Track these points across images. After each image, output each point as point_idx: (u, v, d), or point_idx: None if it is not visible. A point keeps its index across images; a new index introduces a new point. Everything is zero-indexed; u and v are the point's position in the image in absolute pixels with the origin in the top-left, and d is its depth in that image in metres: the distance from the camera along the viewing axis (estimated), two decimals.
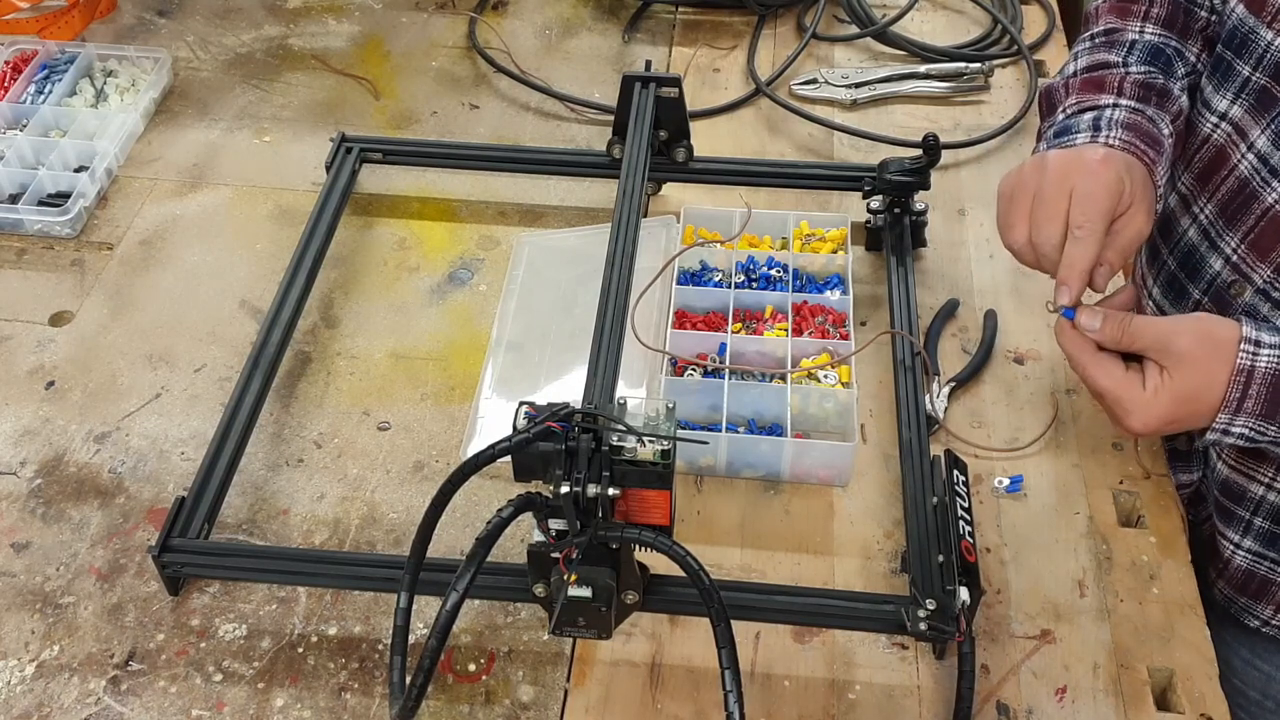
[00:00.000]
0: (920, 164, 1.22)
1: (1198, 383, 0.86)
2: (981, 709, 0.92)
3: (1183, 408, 0.87)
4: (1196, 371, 0.86)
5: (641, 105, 1.19)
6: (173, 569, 0.98)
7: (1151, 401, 0.87)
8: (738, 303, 1.16)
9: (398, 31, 1.61)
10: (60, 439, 1.11)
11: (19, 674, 0.94)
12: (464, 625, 0.97)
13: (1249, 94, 0.93)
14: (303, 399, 1.15)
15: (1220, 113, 0.96)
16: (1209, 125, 0.97)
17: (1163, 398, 0.87)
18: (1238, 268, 0.96)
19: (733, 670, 0.77)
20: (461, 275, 1.27)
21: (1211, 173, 0.98)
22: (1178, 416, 0.87)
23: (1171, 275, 1.03)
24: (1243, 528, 1.02)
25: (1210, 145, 0.98)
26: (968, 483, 0.97)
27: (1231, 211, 0.96)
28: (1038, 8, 1.62)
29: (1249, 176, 0.93)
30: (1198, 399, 0.87)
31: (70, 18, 1.55)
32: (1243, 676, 1.09)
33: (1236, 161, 0.95)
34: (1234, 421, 0.86)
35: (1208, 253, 0.99)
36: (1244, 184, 0.94)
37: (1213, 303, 0.99)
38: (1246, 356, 0.85)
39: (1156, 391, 0.87)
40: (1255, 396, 0.85)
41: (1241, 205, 0.95)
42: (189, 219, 1.33)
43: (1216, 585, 1.07)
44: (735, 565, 1.01)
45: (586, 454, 0.77)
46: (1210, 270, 0.99)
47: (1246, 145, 0.93)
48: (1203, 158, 0.99)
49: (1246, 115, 0.93)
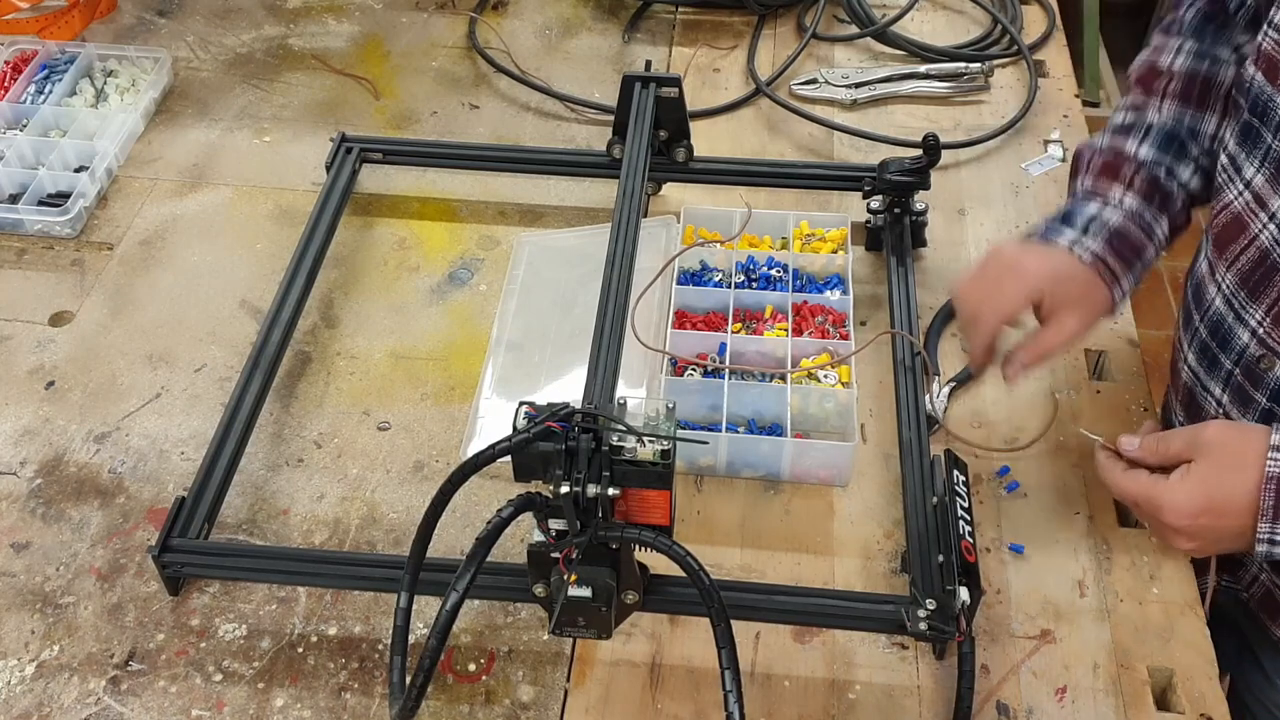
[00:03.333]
0: (920, 164, 1.22)
1: (1225, 466, 0.87)
2: (981, 709, 0.92)
3: (1213, 492, 0.87)
4: (1224, 455, 0.87)
5: (641, 105, 1.19)
6: (173, 569, 0.98)
7: (1178, 488, 0.88)
8: (738, 303, 1.16)
9: (398, 31, 1.61)
10: (60, 439, 1.11)
11: (19, 674, 0.94)
12: (464, 625, 0.97)
13: (1270, 162, 0.91)
14: (303, 399, 1.15)
15: (1246, 180, 0.94)
16: (1234, 191, 0.95)
17: (1190, 483, 0.88)
18: (1264, 342, 0.94)
19: (733, 670, 0.77)
20: (461, 275, 1.27)
21: (1229, 240, 0.96)
22: (1212, 504, 0.87)
23: (1204, 343, 1.02)
24: None
25: (1229, 211, 0.96)
26: (968, 483, 0.97)
27: (1254, 284, 0.94)
28: (1038, 8, 1.62)
29: (1270, 248, 0.91)
30: (1228, 484, 0.87)
31: (70, 18, 1.55)
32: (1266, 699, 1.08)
33: (1257, 232, 0.92)
34: (1276, 530, 0.86)
35: (1235, 324, 0.97)
36: (1265, 255, 0.92)
37: (1244, 375, 0.97)
38: (1275, 464, 0.85)
39: (1183, 478, 0.88)
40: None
41: (1263, 278, 0.93)
42: (189, 219, 1.33)
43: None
44: (735, 565, 1.01)
45: (586, 454, 0.77)
46: (1239, 342, 0.97)
47: (1268, 216, 0.91)
48: (1221, 222, 0.97)
49: (1267, 184, 0.91)
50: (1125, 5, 2.98)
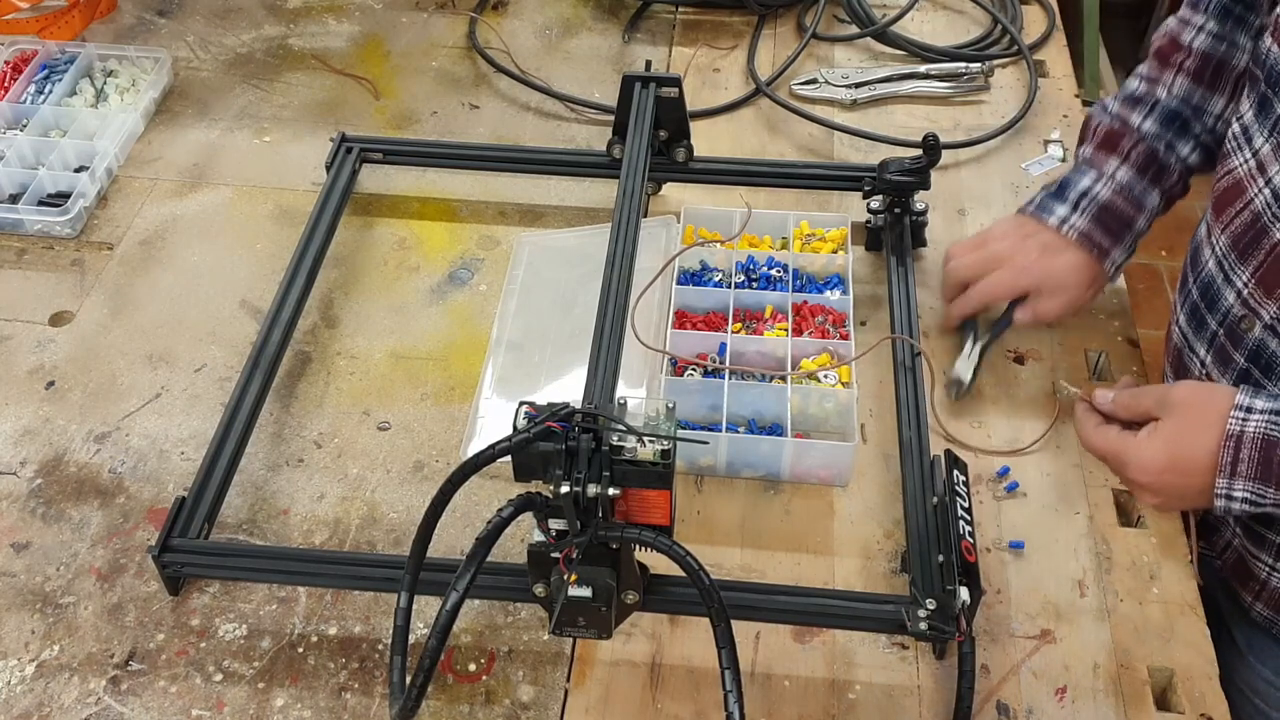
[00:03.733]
0: (920, 164, 1.22)
1: (1190, 425, 0.92)
2: (981, 709, 0.92)
3: (1176, 451, 0.92)
4: (1188, 415, 0.92)
5: (641, 105, 1.19)
6: (173, 569, 0.98)
7: (1145, 445, 0.94)
8: (738, 303, 1.16)
9: (398, 31, 1.61)
10: (60, 439, 1.11)
11: (19, 674, 0.94)
12: (464, 625, 0.97)
13: (1279, 131, 0.94)
14: (303, 399, 1.15)
15: (1255, 149, 0.96)
16: (1240, 158, 0.98)
17: (1156, 441, 0.93)
18: (1247, 302, 0.97)
19: (733, 670, 0.77)
20: (461, 275, 1.27)
21: (1226, 204, 0.99)
22: (1175, 462, 0.92)
23: (1194, 304, 1.05)
24: (1276, 551, 1.02)
25: (1231, 176, 0.98)
26: (968, 483, 0.97)
27: (1243, 246, 0.97)
28: (1038, 8, 1.62)
29: (1261, 211, 0.94)
30: (1191, 443, 0.91)
31: (70, 18, 1.55)
32: (1265, 697, 1.08)
33: (1253, 196, 0.95)
34: (1233, 486, 0.90)
35: (1223, 285, 1.00)
36: (1256, 218, 0.95)
37: (1226, 336, 1.00)
38: (1236, 422, 0.90)
39: (1150, 435, 0.94)
40: (1248, 460, 0.89)
41: (1253, 240, 0.95)
42: (189, 219, 1.33)
43: (1254, 608, 1.06)
44: (735, 565, 1.01)
45: (586, 454, 0.77)
46: (1225, 303, 1.00)
47: (1265, 180, 0.94)
48: (1221, 186, 1.00)
49: (1272, 152, 0.94)
50: (1125, 5, 2.98)
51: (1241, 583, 1.07)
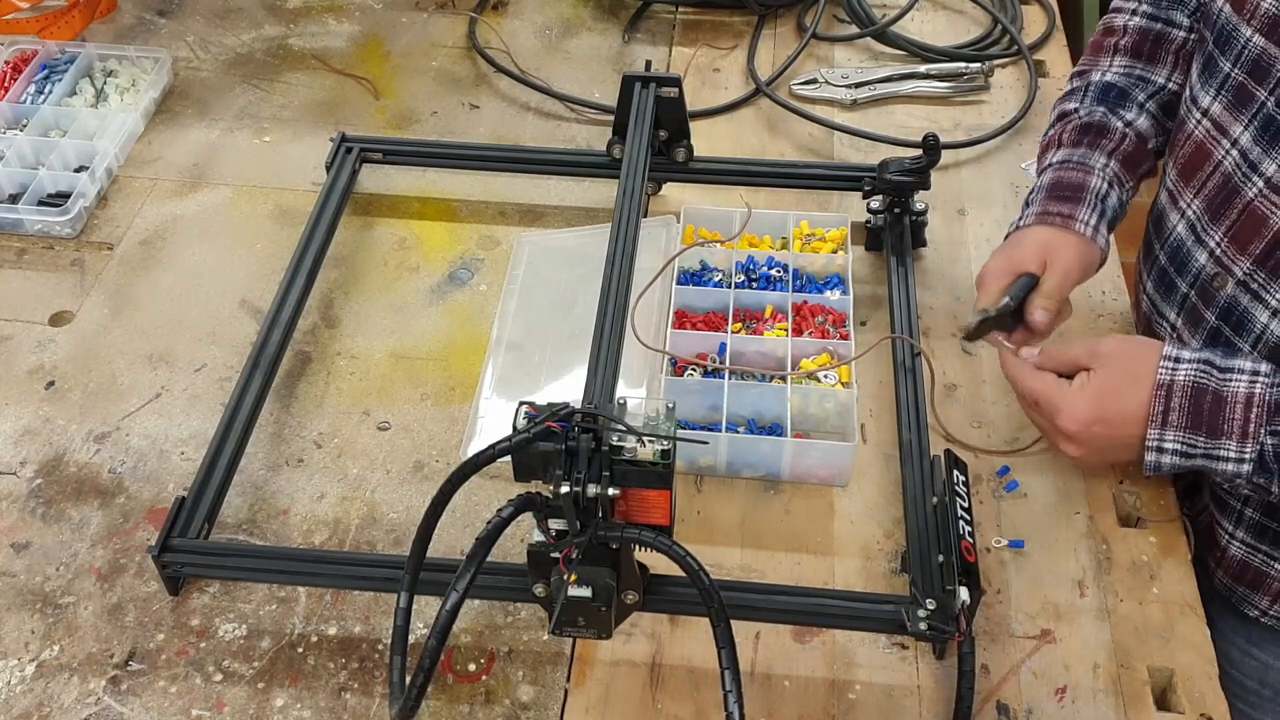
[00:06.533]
0: (920, 164, 1.22)
1: (1120, 376, 0.92)
2: (981, 709, 0.92)
3: (1108, 403, 0.92)
4: (1119, 366, 0.93)
5: (641, 105, 1.19)
6: (173, 569, 0.98)
7: (1078, 394, 0.94)
8: (738, 303, 1.16)
9: (398, 31, 1.61)
10: (60, 439, 1.11)
11: (19, 674, 0.94)
12: (464, 625, 0.97)
13: (1228, 90, 0.97)
14: (303, 399, 1.15)
15: (1204, 109, 0.99)
16: (1193, 121, 1.01)
17: (1088, 391, 0.93)
18: (1220, 261, 0.99)
19: (733, 670, 0.77)
20: (461, 275, 1.27)
21: (1195, 169, 1.01)
22: (1105, 414, 0.92)
23: (1162, 270, 1.07)
24: (1235, 518, 1.03)
25: (1191, 141, 1.01)
26: (968, 483, 0.97)
27: (1216, 206, 0.99)
28: (1038, 8, 1.62)
29: (1232, 171, 0.96)
30: (1121, 395, 0.92)
31: (70, 18, 1.55)
32: (1240, 666, 1.09)
33: (1221, 158, 0.97)
34: (1164, 437, 0.90)
35: (1194, 247, 1.02)
36: (1227, 179, 0.97)
37: (1198, 296, 1.02)
38: (1166, 372, 0.91)
39: (1082, 386, 0.94)
40: (1179, 409, 0.90)
41: (1225, 200, 0.97)
42: (189, 219, 1.33)
43: (1216, 575, 1.07)
44: (735, 565, 1.01)
45: (586, 454, 0.77)
46: (1196, 264, 1.02)
47: (1230, 141, 0.96)
48: (1185, 153, 1.02)
49: (1225, 112, 0.97)
50: None
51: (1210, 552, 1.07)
